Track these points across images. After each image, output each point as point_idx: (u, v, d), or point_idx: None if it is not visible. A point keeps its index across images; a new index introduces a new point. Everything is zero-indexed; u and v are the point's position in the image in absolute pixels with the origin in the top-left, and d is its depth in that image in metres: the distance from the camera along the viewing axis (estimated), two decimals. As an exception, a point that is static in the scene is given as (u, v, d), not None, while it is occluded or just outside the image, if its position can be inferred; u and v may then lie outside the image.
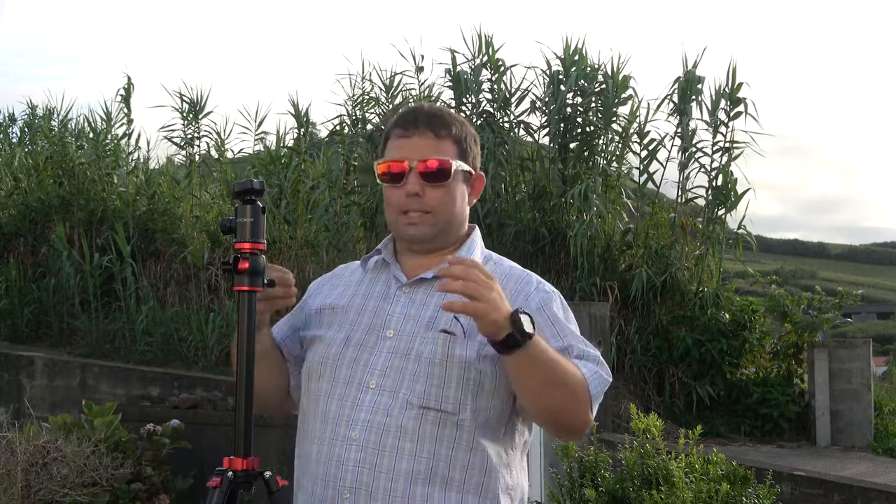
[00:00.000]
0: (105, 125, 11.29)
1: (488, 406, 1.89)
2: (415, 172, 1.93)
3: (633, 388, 8.69)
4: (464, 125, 2.02)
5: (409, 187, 1.93)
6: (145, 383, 8.38)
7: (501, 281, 1.94)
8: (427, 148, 1.94)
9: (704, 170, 9.38)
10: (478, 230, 2.09)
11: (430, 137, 1.95)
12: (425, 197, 1.93)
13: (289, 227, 9.90)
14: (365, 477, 1.84)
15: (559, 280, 8.94)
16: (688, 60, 9.41)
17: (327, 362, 1.95)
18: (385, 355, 1.91)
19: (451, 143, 1.97)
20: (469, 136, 2.02)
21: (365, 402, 1.88)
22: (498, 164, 9.25)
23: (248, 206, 1.83)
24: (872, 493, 6.43)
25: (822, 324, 9.17)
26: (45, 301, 10.06)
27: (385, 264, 2.04)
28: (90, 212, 10.49)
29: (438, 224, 1.96)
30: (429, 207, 1.94)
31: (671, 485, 3.93)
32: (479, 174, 2.05)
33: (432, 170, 1.93)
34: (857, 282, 63.60)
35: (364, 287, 2.04)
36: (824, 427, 8.63)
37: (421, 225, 1.95)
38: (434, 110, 2.01)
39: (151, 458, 5.22)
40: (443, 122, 1.97)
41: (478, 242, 2.06)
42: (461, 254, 1.99)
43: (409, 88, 10.16)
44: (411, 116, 1.99)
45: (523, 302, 1.92)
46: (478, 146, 2.06)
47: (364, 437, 1.85)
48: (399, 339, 1.92)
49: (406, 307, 1.96)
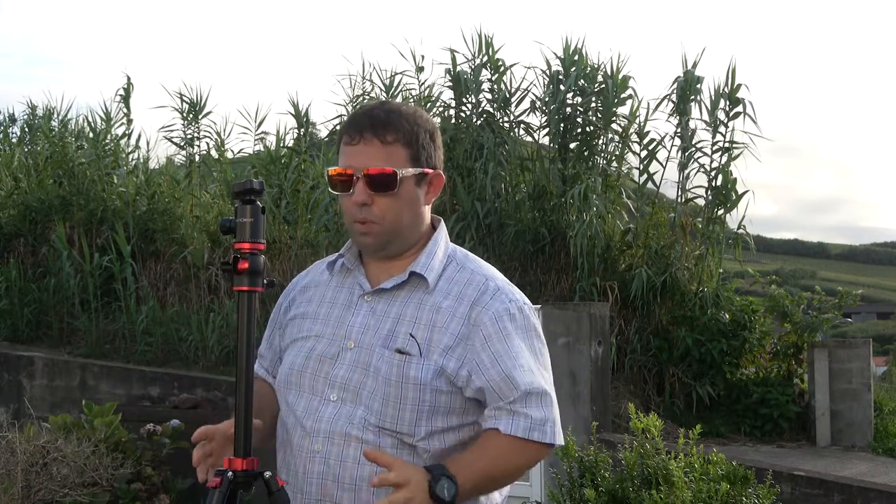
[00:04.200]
0: (105, 125, 11.30)
1: (445, 426, 1.89)
2: (361, 181, 1.89)
3: (633, 388, 8.69)
4: (416, 124, 1.94)
5: (356, 196, 1.89)
6: (145, 383, 8.38)
7: (460, 289, 1.93)
8: (372, 156, 1.89)
9: (704, 170, 9.38)
10: (443, 225, 2.04)
11: (376, 144, 1.89)
12: (374, 205, 1.90)
13: (289, 227, 9.90)
14: (329, 489, 1.86)
15: (559, 280, 8.94)
16: (687, 60, 9.42)
17: (293, 373, 1.96)
18: (346, 367, 1.91)
19: (401, 147, 1.91)
20: (423, 134, 1.94)
21: (325, 415, 1.89)
22: (498, 164, 9.25)
23: (248, 207, 1.83)
24: (872, 493, 6.42)
25: (822, 324, 9.17)
26: (45, 301, 10.06)
27: (349, 270, 2.02)
28: (90, 212, 10.49)
29: (389, 233, 1.92)
30: (376, 217, 1.90)
31: (671, 485, 3.93)
32: (436, 172, 1.98)
33: (377, 179, 1.88)
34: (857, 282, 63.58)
35: (330, 293, 2.02)
36: (824, 427, 8.63)
37: (371, 234, 1.92)
38: (381, 114, 1.92)
39: (151, 458, 5.23)
40: (390, 127, 1.90)
41: (440, 242, 2.00)
42: (420, 262, 1.94)
43: (409, 88, 10.17)
44: (357, 123, 1.92)
45: (476, 314, 1.90)
46: (436, 140, 1.98)
47: (326, 450, 1.87)
48: (359, 351, 1.91)
49: (366, 317, 1.94)
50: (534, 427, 1.85)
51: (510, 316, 1.91)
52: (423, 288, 1.94)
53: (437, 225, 2.03)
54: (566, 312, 6.37)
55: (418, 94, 9.98)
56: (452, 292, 1.93)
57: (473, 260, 2.01)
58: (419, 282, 1.95)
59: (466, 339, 1.89)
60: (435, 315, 1.90)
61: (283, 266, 9.32)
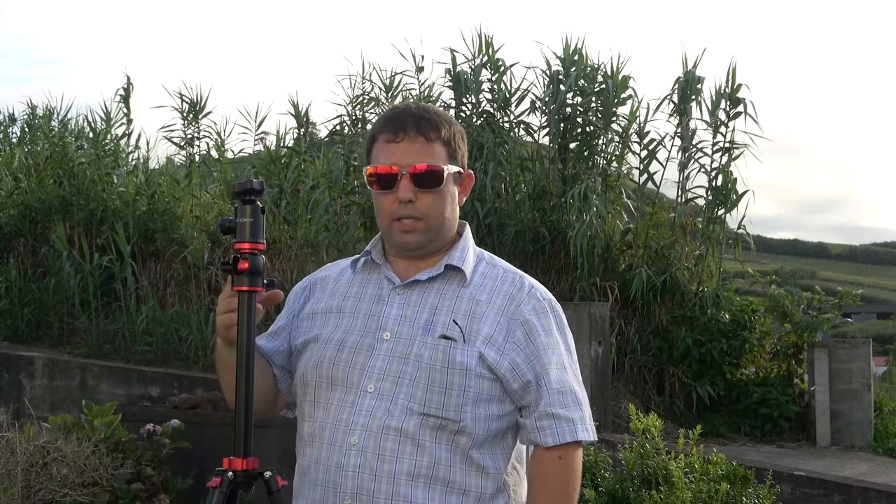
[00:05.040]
0: (105, 125, 11.30)
1: (488, 413, 1.89)
2: (406, 178, 1.89)
3: (633, 389, 8.69)
4: (451, 124, 1.98)
5: (402, 193, 1.90)
6: (145, 383, 8.39)
7: (494, 284, 1.95)
8: (417, 153, 1.91)
9: (704, 170, 9.39)
10: (468, 228, 2.07)
11: (420, 142, 1.91)
12: (418, 203, 1.91)
13: (289, 227, 9.90)
14: (366, 482, 1.83)
15: (559, 280, 8.94)
16: (688, 60, 9.42)
17: (322, 366, 1.93)
18: (383, 358, 1.89)
19: (441, 146, 1.93)
20: (457, 134, 1.98)
21: (363, 407, 1.87)
22: (498, 164, 9.25)
23: (248, 206, 1.82)
24: (872, 493, 6.42)
25: (822, 324, 9.17)
26: (45, 301, 10.06)
27: (375, 265, 2.02)
28: (90, 212, 10.49)
29: (432, 230, 1.94)
30: (421, 214, 1.91)
31: (671, 485, 3.94)
32: (468, 172, 2.02)
33: (424, 176, 1.90)
34: (857, 282, 63.54)
35: (355, 288, 2.01)
36: (824, 427, 8.63)
37: (415, 232, 1.92)
38: (422, 112, 1.95)
39: (151, 458, 5.22)
40: (432, 125, 1.93)
41: (470, 242, 2.03)
42: (454, 257, 1.97)
43: (409, 88, 10.17)
44: (399, 120, 1.93)
45: (514, 308, 1.93)
46: (465, 142, 2.02)
47: (363, 442, 1.84)
48: (396, 341, 1.90)
49: (402, 309, 1.93)
50: (577, 428, 1.91)
51: (548, 312, 1.96)
52: (459, 280, 1.95)
53: (462, 229, 2.05)
54: (566, 312, 6.38)
55: (418, 95, 9.98)
56: (487, 286, 1.95)
57: (501, 261, 2.05)
58: (455, 274, 1.96)
59: (506, 331, 1.91)
60: (474, 307, 1.92)
61: (283, 266, 9.32)
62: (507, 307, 1.92)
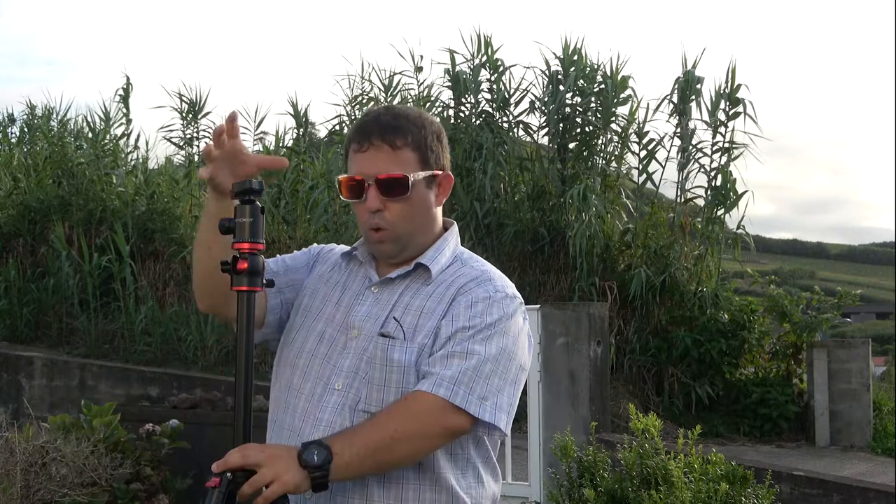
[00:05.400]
0: (104, 125, 11.30)
1: None
2: (373, 188, 1.89)
3: (632, 389, 8.69)
4: (423, 127, 1.94)
5: (370, 203, 1.90)
6: (144, 383, 8.38)
7: (456, 280, 1.94)
8: (383, 162, 1.89)
9: (704, 170, 9.40)
10: (454, 227, 2.05)
11: (386, 150, 1.89)
12: (386, 212, 1.90)
13: (288, 227, 9.91)
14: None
15: (558, 280, 8.94)
16: (687, 61, 9.43)
17: (302, 355, 1.97)
18: (352, 357, 1.92)
19: (410, 151, 1.91)
20: (431, 136, 1.94)
21: (329, 404, 1.90)
22: (497, 164, 9.25)
23: (247, 206, 1.82)
24: (872, 493, 6.43)
25: (821, 324, 9.17)
26: (45, 301, 10.06)
27: (361, 262, 2.04)
28: (89, 212, 10.49)
29: (401, 239, 1.93)
30: (388, 224, 1.91)
31: (670, 485, 3.94)
32: (445, 173, 1.99)
33: (389, 185, 1.89)
34: (856, 282, 63.52)
35: (344, 278, 2.04)
36: (823, 427, 8.63)
37: (386, 242, 1.93)
38: (388, 119, 1.92)
39: (150, 458, 5.22)
40: (399, 132, 1.90)
41: (451, 241, 2.01)
42: (427, 255, 1.95)
43: (408, 88, 10.18)
44: (366, 129, 1.92)
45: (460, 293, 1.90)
46: (443, 141, 1.98)
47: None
48: (360, 339, 1.93)
49: (370, 307, 1.95)
50: (438, 384, 1.80)
51: (488, 299, 1.89)
52: (425, 278, 1.96)
53: (448, 227, 2.04)
54: (565, 312, 6.36)
55: (417, 95, 9.99)
56: (448, 282, 1.95)
57: (478, 260, 2.02)
58: (423, 272, 1.96)
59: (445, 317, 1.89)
60: (426, 301, 1.92)
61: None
62: (455, 296, 1.90)
